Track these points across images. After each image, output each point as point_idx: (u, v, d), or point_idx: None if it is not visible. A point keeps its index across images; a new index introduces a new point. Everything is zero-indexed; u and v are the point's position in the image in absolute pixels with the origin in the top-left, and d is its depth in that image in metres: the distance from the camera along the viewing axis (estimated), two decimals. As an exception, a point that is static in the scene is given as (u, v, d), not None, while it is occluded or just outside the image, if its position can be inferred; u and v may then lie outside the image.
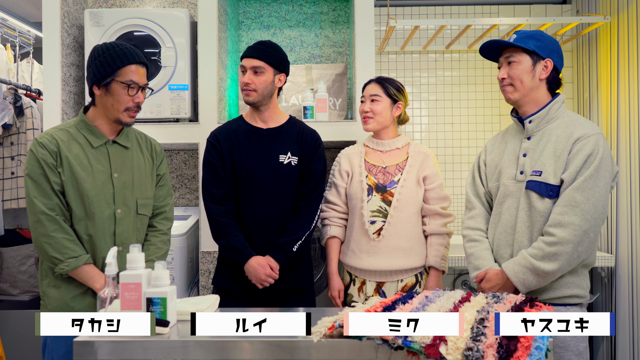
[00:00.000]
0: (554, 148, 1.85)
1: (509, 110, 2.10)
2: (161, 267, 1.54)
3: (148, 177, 2.06)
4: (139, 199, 2.03)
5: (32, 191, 1.85)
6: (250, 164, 2.25)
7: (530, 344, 1.30)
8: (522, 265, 1.81)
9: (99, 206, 1.92)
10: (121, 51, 1.92)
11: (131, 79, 1.92)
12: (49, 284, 1.92)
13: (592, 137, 1.81)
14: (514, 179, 1.92)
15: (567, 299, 1.84)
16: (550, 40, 1.93)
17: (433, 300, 1.59)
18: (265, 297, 2.25)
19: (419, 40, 3.50)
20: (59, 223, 1.86)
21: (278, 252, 2.21)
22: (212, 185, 2.25)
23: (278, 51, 2.28)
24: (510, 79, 1.93)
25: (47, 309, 1.91)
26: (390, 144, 2.37)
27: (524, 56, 1.90)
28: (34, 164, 1.87)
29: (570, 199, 1.76)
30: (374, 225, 2.29)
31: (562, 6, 3.48)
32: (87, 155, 1.93)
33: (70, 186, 1.88)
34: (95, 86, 1.93)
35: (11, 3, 4.01)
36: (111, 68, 1.90)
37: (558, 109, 1.92)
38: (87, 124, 1.96)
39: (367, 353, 1.39)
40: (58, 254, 1.85)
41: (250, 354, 1.42)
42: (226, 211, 2.23)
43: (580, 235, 1.74)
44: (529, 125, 1.93)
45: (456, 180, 3.52)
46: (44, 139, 1.89)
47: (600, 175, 1.77)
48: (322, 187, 2.32)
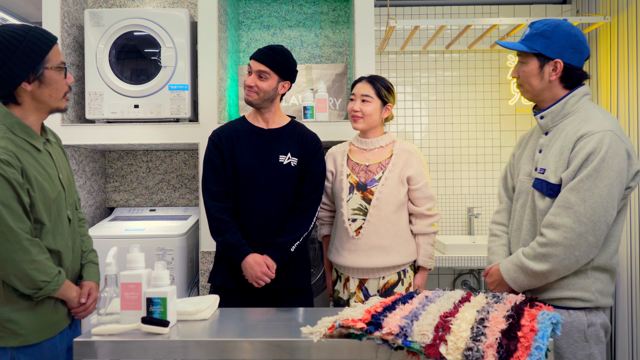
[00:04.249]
0: (560, 145, 1.76)
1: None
2: (161, 267, 1.54)
3: (70, 172, 1.91)
4: (75, 194, 1.91)
5: (7, 218, 1.57)
6: (250, 163, 2.26)
7: (530, 344, 1.30)
8: (513, 263, 1.78)
9: (62, 212, 1.76)
10: (39, 34, 1.67)
11: (61, 60, 1.72)
12: (12, 309, 1.63)
13: (596, 135, 1.68)
14: (529, 176, 1.87)
15: (568, 302, 1.74)
16: (562, 35, 1.78)
17: (433, 300, 1.59)
18: (261, 296, 2.26)
19: (419, 40, 3.50)
20: (39, 245, 1.65)
21: (275, 252, 2.22)
22: (211, 183, 2.27)
23: (287, 59, 2.28)
24: (520, 80, 1.86)
25: (18, 334, 1.63)
26: (374, 142, 2.38)
27: (531, 58, 1.81)
28: (3, 186, 1.57)
29: (564, 200, 1.69)
30: (355, 223, 2.30)
31: (562, 6, 3.48)
32: (38, 161, 1.70)
33: (39, 200, 1.66)
34: (25, 82, 1.65)
35: (11, 3, 4.01)
36: (39, 56, 1.65)
37: (575, 103, 1.79)
38: (23, 126, 1.68)
39: (367, 353, 1.39)
40: (45, 277, 1.64)
41: (250, 354, 1.43)
42: (224, 208, 2.24)
43: (574, 238, 1.66)
44: (542, 121, 1.85)
45: (456, 180, 3.52)
46: (4, 155, 1.59)
47: (601, 175, 1.66)
48: (321, 188, 2.33)
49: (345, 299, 2.36)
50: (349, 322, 1.40)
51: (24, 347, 1.64)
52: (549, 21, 1.81)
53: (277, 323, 1.66)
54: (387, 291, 2.30)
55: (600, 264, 1.75)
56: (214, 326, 1.60)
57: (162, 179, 3.34)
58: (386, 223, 2.28)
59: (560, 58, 1.77)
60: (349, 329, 1.40)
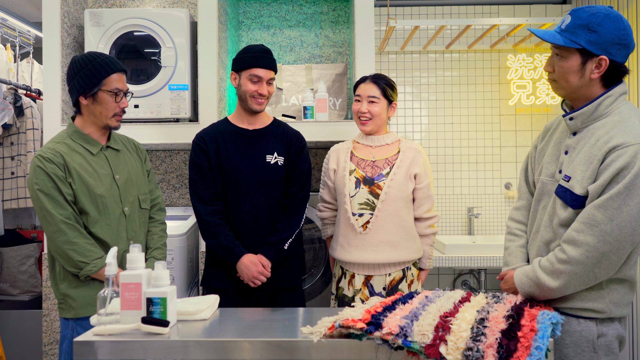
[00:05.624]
0: (589, 152, 1.58)
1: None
2: (161, 267, 1.54)
3: (141, 174, 2.22)
4: (139, 195, 2.18)
5: (47, 204, 1.96)
6: (237, 164, 2.27)
7: (530, 344, 1.30)
8: (529, 277, 1.65)
9: (111, 206, 2.06)
10: (103, 62, 2.05)
11: (116, 86, 2.05)
12: (69, 286, 2.02)
13: (631, 148, 1.51)
14: (552, 177, 1.70)
15: (579, 312, 1.62)
16: (611, 28, 1.55)
17: (433, 300, 1.59)
18: (257, 296, 2.27)
19: (419, 40, 3.50)
20: (78, 230, 1.98)
21: (269, 250, 2.23)
22: (199, 186, 2.28)
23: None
24: (555, 75, 1.65)
25: (72, 307, 2.02)
26: (380, 140, 2.38)
27: (572, 53, 1.59)
28: (44, 178, 1.96)
29: (589, 216, 1.53)
30: (362, 218, 2.30)
31: (562, 6, 3.48)
32: (89, 162, 2.06)
33: (82, 193, 2.01)
34: (82, 97, 2.05)
35: (11, 3, 4.01)
36: (97, 79, 2.03)
37: (611, 104, 1.60)
38: (82, 134, 2.08)
39: (367, 353, 1.39)
40: (84, 258, 1.96)
41: (250, 354, 1.42)
42: (215, 211, 2.25)
43: (597, 257, 1.53)
44: (571, 123, 1.66)
45: (456, 180, 3.52)
46: (48, 153, 1.99)
47: (632, 193, 1.50)
48: (308, 186, 2.36)
49: (350, 296, 2.35)
50: (349, 322, 1.40)
51: (80, 319, 2.01)
52: (597, 9, 1.57)
53: (277, 323, 1.66)
54: (392, 289, 2.30)
55: (619, 276, 1.62)
56: (214, 326, 1.60)
57: (162, 179, 3.34)
58: (394, 218, 2.28)
59: (606, 55, 1.56)
60: (349, 329, 1.40)
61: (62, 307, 2.05)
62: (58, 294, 2.05)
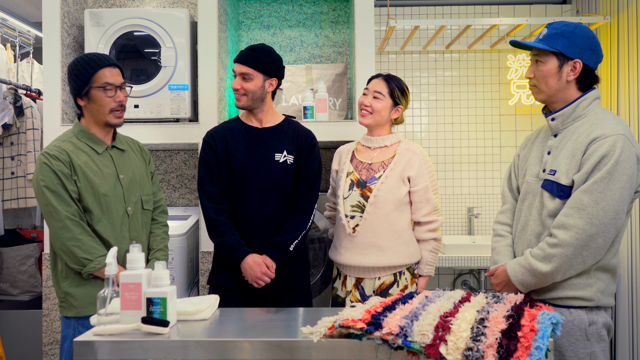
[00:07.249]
0: (572, 147, 1.77)
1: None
2: (161, 267, 1.54)
3: (145, 176, 2.23)
4: (143, 195, 2.19)
5: (53, 200, 1.97)
6: (246, 162, 2.25)
7: (530, 344, 1.30)
8: (522, 265, 1.78)
9: (115, 205, 2.08)
10: (89, 59, 2.06)
11: (105, 81, 2.04)
12: (71, 284, 2.02)
13: (609, 138, 1.70)
14: (536, 177, 1.87)
15: (570, 301, 1.75)
16: (582, 36, 1.79)
17: (433, 300, 1.59)
18: (262, 296, 2.26)
19: (419, 40, 3.50)
20: (83, 227, 1.99)
21: (274, 251, 2.21)
22: (207, 184, 2.26)
23: (269, 56, 2.26)
24: (536, 80, 1.85)
25: (74, 306, 2.02)
26: (380, 141, 2.36)
27: (550, 57, 1.80)
28: (50, 175, 1.98)
29: (577, 201, 1.70)
30: (353, 220, 2.30)
31: (562, 6, 3.48)
32: (94, 161, 2.07)
33: (86, 191, 2.02)
34: (79, 98, 2.07)
35: (11, 3, 4.01)
36: (86, 77, 2.03)
37: (587, 106, 1.80)
38: (87, 133, 2.09)
39: (367, 353, 1.39)
40: (87, 255, 1.97)
41: (250, 354, 1.42)
42: (222, 209, 2.24)
43: (585, 239, 1.68)
44: (552, 123, 1.85)
45: (456, 180, 3.52)
46: (55, 151, 2.01)
47: (614, 178, 1.68)
48: (317, 186, 2.33)
49: (342, 296, 2.35)
50: (349, 322, 1.40)
51: (81, 318, 2.00)
52: (569, 22, 1.82)
53: (277, 323, 1.66)
54: (382, 292, 2.27)
55: (603, 264, 1.76)
56: (214, 326, 1.60)
57: (162, 179, 3.34)
58: (383, 222, 2.26)
59: (580, 58, 1.78)
60: (349, 329, 1.40)
61: (63, 305, 2.05)
62: (60, 293, 2.05)
